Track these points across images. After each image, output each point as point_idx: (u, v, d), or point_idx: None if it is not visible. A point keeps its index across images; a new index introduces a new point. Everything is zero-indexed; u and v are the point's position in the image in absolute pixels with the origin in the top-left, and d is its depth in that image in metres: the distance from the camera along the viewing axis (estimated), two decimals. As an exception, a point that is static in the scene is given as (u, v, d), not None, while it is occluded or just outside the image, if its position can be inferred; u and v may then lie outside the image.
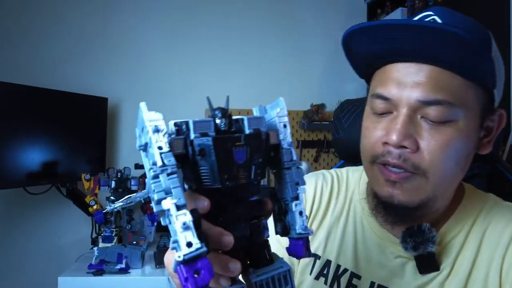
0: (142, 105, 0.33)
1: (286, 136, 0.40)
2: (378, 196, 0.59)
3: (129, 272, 1.45)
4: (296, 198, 0.40)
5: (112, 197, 1.57)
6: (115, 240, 1.57)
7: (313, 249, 0.67)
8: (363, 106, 0.97)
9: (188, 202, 0.33)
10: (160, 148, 0.33)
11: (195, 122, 0.35)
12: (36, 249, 1.97)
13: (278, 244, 0.64)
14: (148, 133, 0.33)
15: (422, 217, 0.60)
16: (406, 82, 0.54)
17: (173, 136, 0.35)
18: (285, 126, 0.40)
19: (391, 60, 0.56)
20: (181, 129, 0.35)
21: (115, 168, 1.64)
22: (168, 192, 0.32)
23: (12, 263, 1.94)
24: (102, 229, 1.59)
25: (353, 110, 0.95)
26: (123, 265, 1.44)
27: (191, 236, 0.31)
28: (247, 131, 0.36)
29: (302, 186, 0.40)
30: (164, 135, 0.33)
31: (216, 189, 0.36)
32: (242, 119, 0.37)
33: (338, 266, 0.65)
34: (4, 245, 1.92)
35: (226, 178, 0.35)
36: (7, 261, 1.93)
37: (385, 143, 0.55)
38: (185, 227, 0.31)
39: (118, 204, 1.47)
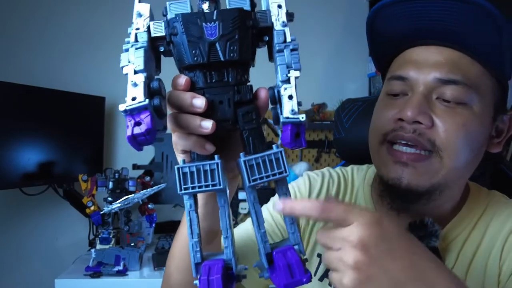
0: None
1: (280, 17, 0.39)
2: (385, 180, 0.57)
3: (127, 274, 1.42)
4: (287, 81, 0.37)
5: (109, 198, 1.55)
6: (112, 242, 1.55)
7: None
8: (364, 106, 0.96)
9: (172, 84, 0.37)
10: (137, 29, 0.36)
11: (170, 4, 0.37)
12: (32, 251, 1.94)
13: (269, 216, 0.64)
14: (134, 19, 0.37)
15: (428, 210, 0.59)
16: (425, 63, 0.54)
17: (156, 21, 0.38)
18: (279, 6, 0.39)
19: (412, 43, 0.56)
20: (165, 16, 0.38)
21: (112, 168, 1.62)
22: (131, 61, 0.35)
23: (8, 265, 1.91)
24: (100, 231, 1.57)
25: (354, 109, 0.94)
26: (121, 267, 1.42)
27: (138, 92, 0.34)
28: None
29: (294, 71, 0.38)
30: (145, 19, 0.37)
31: (195, 67, 0.37)
32: None
33: None
34: None
35: (195, 53, 0.36)
36: (2, 263, 1.90)
37: (399, 120, 0.55)
38: (134, 84, 0.34)
39: (116, 205, 1.45)
